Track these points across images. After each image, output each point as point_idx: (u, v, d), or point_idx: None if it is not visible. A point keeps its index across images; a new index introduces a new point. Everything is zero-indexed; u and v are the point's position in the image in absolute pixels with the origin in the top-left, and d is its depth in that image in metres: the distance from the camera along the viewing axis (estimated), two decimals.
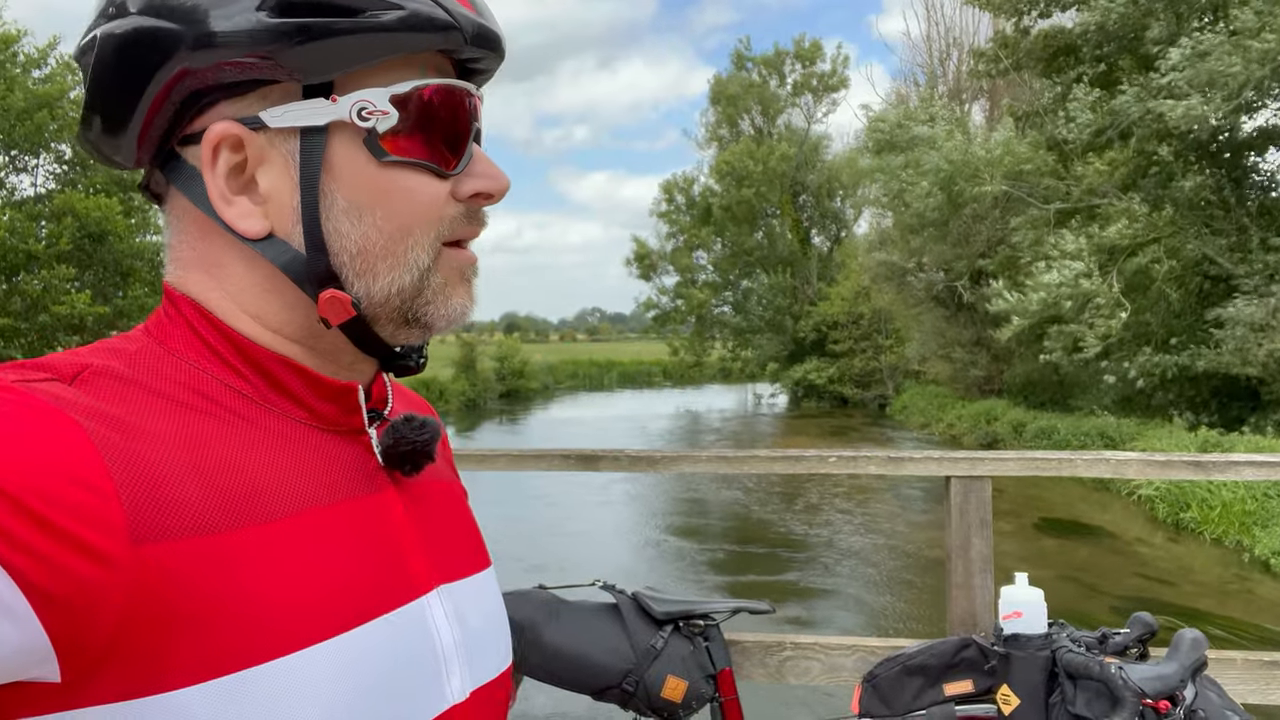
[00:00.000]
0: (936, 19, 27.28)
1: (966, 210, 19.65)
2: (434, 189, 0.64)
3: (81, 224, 16.82)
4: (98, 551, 0.48)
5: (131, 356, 0.60)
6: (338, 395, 0.65)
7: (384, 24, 0.59)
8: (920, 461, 2.56)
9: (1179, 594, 8.50)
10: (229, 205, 0.62)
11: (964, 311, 21.98)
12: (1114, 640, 2.04)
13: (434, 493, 0.73)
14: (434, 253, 0.64)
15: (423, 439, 0.68)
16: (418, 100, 0.62)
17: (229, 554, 0.53)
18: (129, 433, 0.53)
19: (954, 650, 2.15)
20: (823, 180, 37.88)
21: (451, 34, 0.61)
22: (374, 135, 0.61)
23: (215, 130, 0.61)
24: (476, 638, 0.69)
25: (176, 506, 0.52)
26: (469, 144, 0.65)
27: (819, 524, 11.73)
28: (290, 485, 0.60)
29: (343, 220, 0.62)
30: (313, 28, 0.58)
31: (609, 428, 25.55)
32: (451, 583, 0.69)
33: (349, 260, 0.62)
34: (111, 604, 0.49)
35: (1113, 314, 14.00)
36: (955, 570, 2.47)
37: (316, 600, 0.57)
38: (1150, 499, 11.83)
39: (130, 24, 0.59)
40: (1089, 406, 17.27)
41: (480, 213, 0.68)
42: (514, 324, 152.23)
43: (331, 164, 0.61)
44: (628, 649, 2.19)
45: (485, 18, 0.64)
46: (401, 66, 0.62)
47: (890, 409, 28.67)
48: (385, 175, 0.62)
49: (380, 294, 0.63)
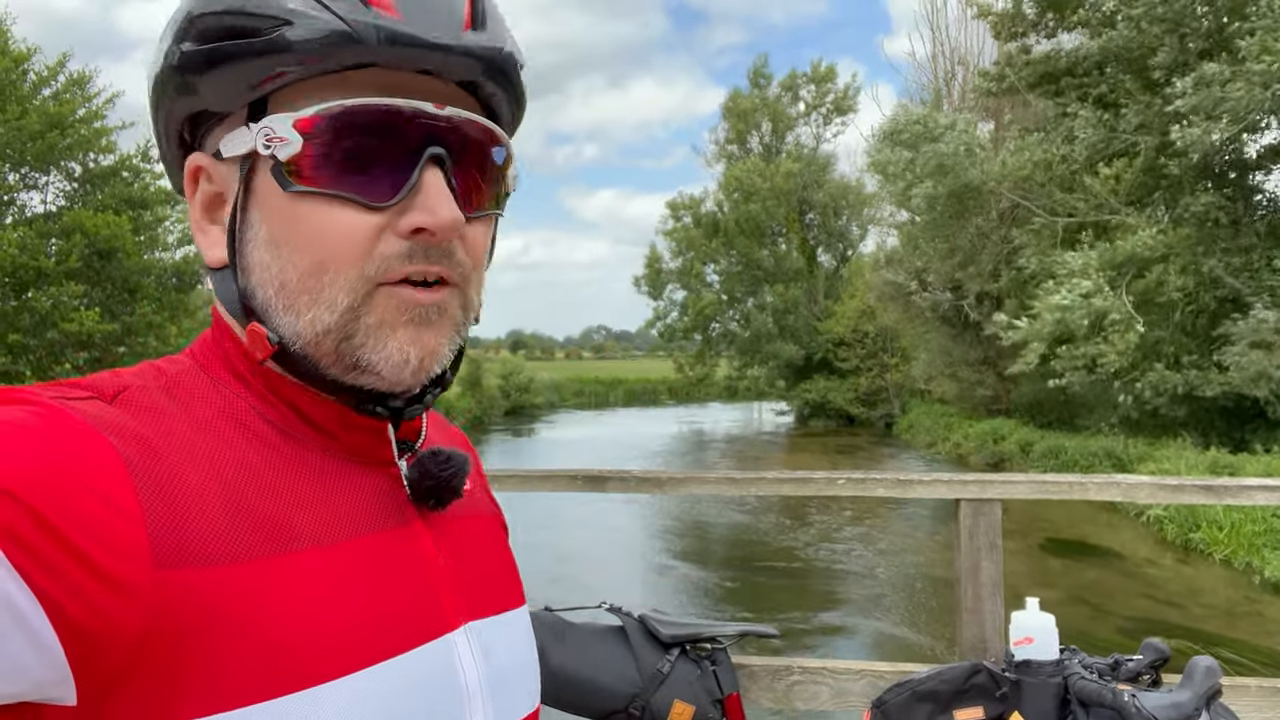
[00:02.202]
0: (942, 39, 27.34)
1: (972, 226, 19.66)
2: (355, 222, 0.57)
3: (90, 241, 16.94)
4: (120, 578, 0.48)
5: (172, 379, 0.60)
6: (369, 428, 0.64)
7: (273, 42, 0.55)
8: (929, 484, 2.54)
9: (1188, 616, 8.42)
10: (202, 234, 0.63)
11: (970, 330, 21.94)
12: (1127, 667, 2.02)
13: (467, 527, 0.72)
14: (358, 292, 0.58)
15: (447, 474, 0.66)
16: (331, 124, 0.57)
17: (252, 584, 0.53)
18: (160, 456, 0.53)
19: (964, 676, 2.13)
20: (829, 199, 37.98)
21: (351, 48, 0.55)
22: (278, 164, 0.57)
23: (190, 162, 0.63)
24: (503, 677, 0.67)
25: (201, 533, 0.52)
26: (414, 172, 0.58)
27: (825, 542, 11.67)
28: (318, 517, 0.59)
29: (264, 252, 0.60)
30: (214, 54, 0.57)
31: (617, 443, 25.52)
32: (480, 619, 0.67)
33: (274, 294, 0.60)
34: (130, 629, 0.48)
35: (1128, 329, 13.96)
36: (965, 594, 2.45)
37: (340, 634, 0.55)
38: (1159, 520, 11.75)
39: (151, 58, 0.62)
40: (1096, 426, 17.21)
41: (437, 250, 0.59)
42: (520, 341, 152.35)
43: (256, 194, 0.60)
44: (634, 673, 2.17)
45: (415, 23, 0.56)
46: (335, 87, 0.57)
47: (896, 427, 28.59)
48: (295, 206, 0.58)
49: (307, 332, 0.59)
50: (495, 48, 0.60)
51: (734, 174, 37.42)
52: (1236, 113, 12.00)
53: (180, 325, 18.11)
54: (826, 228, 38.92)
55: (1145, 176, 15.32)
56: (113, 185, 18.69)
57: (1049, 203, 16.90)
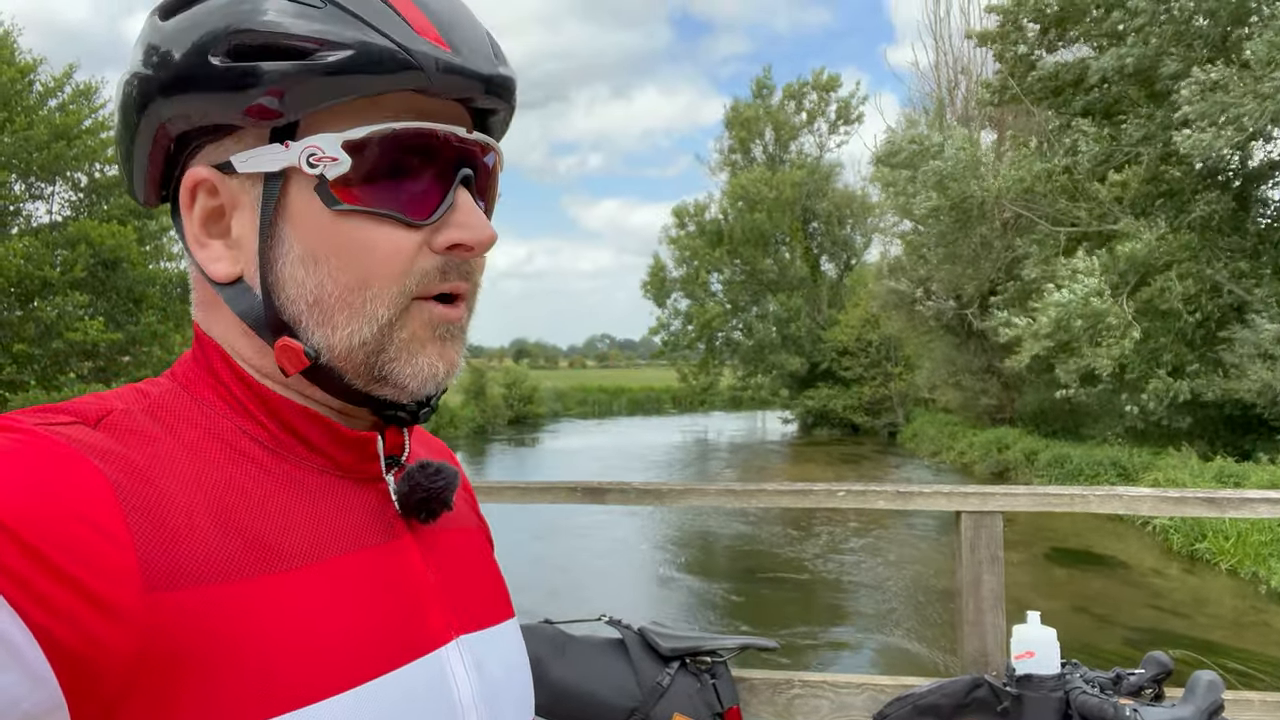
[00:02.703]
0: (945, 49, 27.38)
1: (975, 235, 19.66)
2: (398, 240, 0.60)
3: (96, 251, 16.99)
4: (111, 603, 0.48)
5: (155, 401, 0.60)
6: (355, 444, 0.65)
7: (330, 66, 0.56)
8: (930, 496, 2.53)
9: (1194, 626, 8.38)
10: (202, 248, 0.63)
11: (974, 339, 21.92)
12: (1129, 681, 2.01)
13: (454, 540, 0.72)
14: (398, 307, 0.61)
15: (438, 486, 0.66)
16: (378, 146, 0.59)
17: (243, 603, 0.53)
18: (148, 479, 0.53)
19: (965, 690, 2.12)
20: (833, 208, 38.01)
21: (409, 74, 0.58)
22: (324, 182, 0.59)
23: (190, 175, 0.62)
24: (497, 689, 0.67)
25: (191, 554, 0.52)
26: (450, 192, 0.61)
27: (830, 553, 11.63)
28: (307, 534, 0.59)
29: (298, 268, 0.60)
30: (256, 72, 0.57)
31: (621, 452, 25.49)
32: (472, 633, 0.67)
33: (306, 309, 0.61)
34: (123, 654, 0.48)
35: (1125, 334, 13.91)
36: (966, 607, 2.44)
37: (332, 652, 0.56)
38: (1165, 529, 11.71)
39: (128, 70, 0.62)
40: (1101, 435, 17.15)
41: (465, 266, 0.63)
42: (523, 350, 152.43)
43: (289, 211, 0.60)
44: (634, 686, 2.16)
45: (465, 54, 0.60)
46: (370, 109, 0.59)
47: (900, 436, 28.54)
48: (340, 224, 0.59)
49: (341, 346, 0.61)
50: (513, 79, 0.65)
51: (739, 183, 37.47)
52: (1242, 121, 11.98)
53: (185, 334, 18.16)
54: (830, 236, 38.94)
55: (1149, 186, 15.29)
56: (118, 195, 18.76)
57: (1051, 211, 16.89)
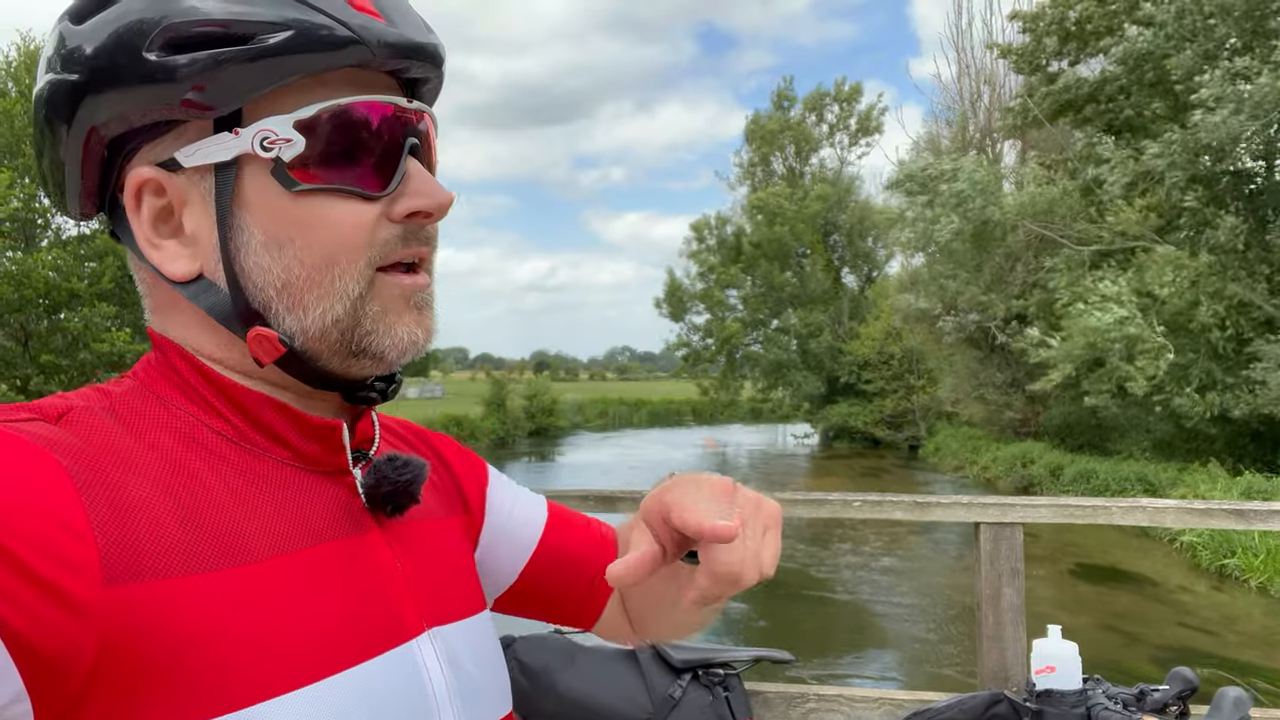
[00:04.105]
0: (967, 61, 27.30)
1: (999, 251, 19.53)
2: (359, 214, 0.60)
3: (122, 263, 17.25)
4: (72, 597, 0.48)
5: (117, 399, 0.60)
6: (321, 434, 0.64)
7: (272, 48, 0.56)
8: (948, 507, 2.49)
9: (1223, 644, 8.22)
10: (156, 249, 0.62)
11: (998, 353, 21.72)
12: (1153, 697, 1.95)
13: (426, 533, 0.71)
14: (365, 280, 0.61)
15: (404, 479, 0.65)
16: (329, 122, 0.59)
17: (205, 596, 0.52)
18: (108, 473, 0.53)
19: (985, 706, 2.08)
20: (855, 220, 37.90)
21: (353, 49, 0.58)
22: (281, 165, 0.58)
23: (133, 177, 0.60)
24: (471, 682, 0.67)
25: (153, 547, 0.52)
26: (401, 161, 0.61)
27: (851, 568, 11.54)
28: (271, 527, 0.58)
29: (263, 255, 0.59)
30: (199, 62, 0.56)
31: (645, 462, 25.45)
32: (443, 625, 0.67)
33: (275, 295, 0.60)
34: (85, 648, 0.48)
35: (1159, 355, 13.80)
36: (985, 621, 2.39)
37: (296, 645, 0.55)
38: (1191, 545, 11.52)
39: (43, 81, 0.60)
40: (1128, 450, 16.92)
41: (423, 232, 0.64)
42: (544, 362, 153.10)
43: (245, 199, 0.59)
44: (645, 698, 2.14)
45: (401, 25, 0.60)
46: (313, 88, 0.59)
47: (923, 450, 28.28)
48: (300, 205, 0.59)
49: (314, 327, 0.61)
50: (443, 46, 0.65)
51: (760, 198, 37.43)
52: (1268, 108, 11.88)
53: None
54: (852, 249, 38.83)
55: (1169, 208, 15.15)
56: None
57: (1074, 231, 16.75)
